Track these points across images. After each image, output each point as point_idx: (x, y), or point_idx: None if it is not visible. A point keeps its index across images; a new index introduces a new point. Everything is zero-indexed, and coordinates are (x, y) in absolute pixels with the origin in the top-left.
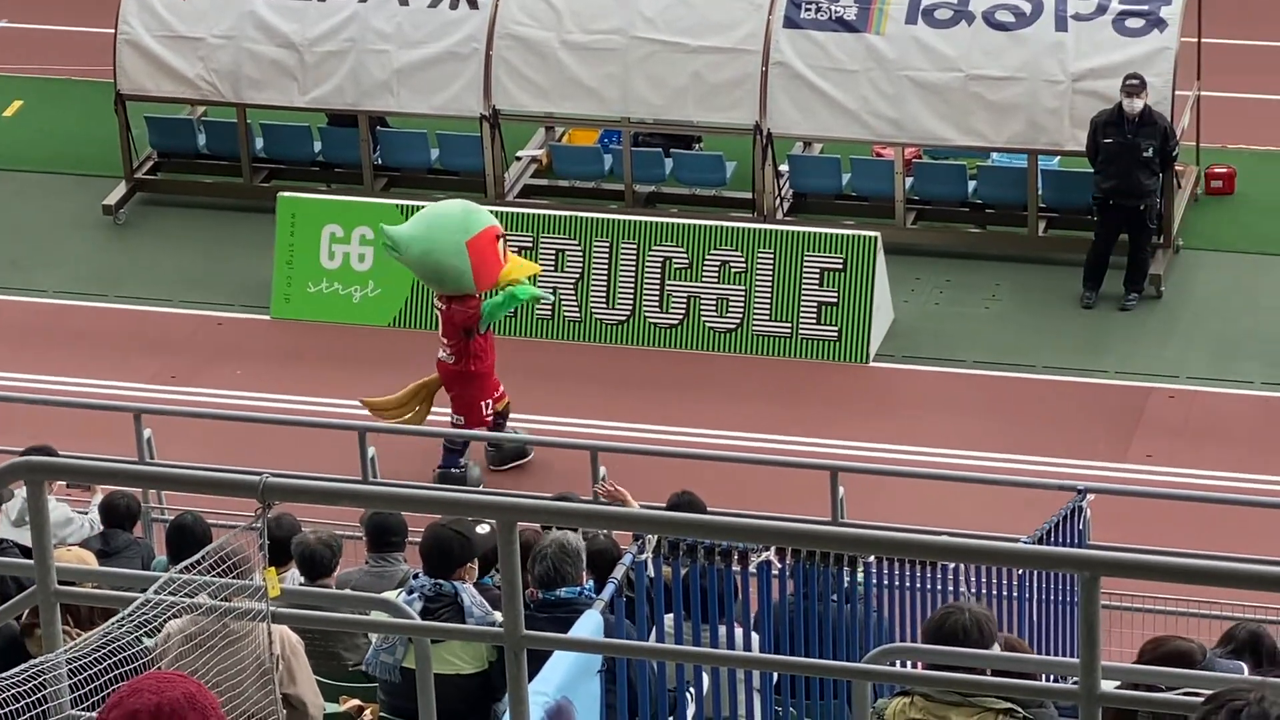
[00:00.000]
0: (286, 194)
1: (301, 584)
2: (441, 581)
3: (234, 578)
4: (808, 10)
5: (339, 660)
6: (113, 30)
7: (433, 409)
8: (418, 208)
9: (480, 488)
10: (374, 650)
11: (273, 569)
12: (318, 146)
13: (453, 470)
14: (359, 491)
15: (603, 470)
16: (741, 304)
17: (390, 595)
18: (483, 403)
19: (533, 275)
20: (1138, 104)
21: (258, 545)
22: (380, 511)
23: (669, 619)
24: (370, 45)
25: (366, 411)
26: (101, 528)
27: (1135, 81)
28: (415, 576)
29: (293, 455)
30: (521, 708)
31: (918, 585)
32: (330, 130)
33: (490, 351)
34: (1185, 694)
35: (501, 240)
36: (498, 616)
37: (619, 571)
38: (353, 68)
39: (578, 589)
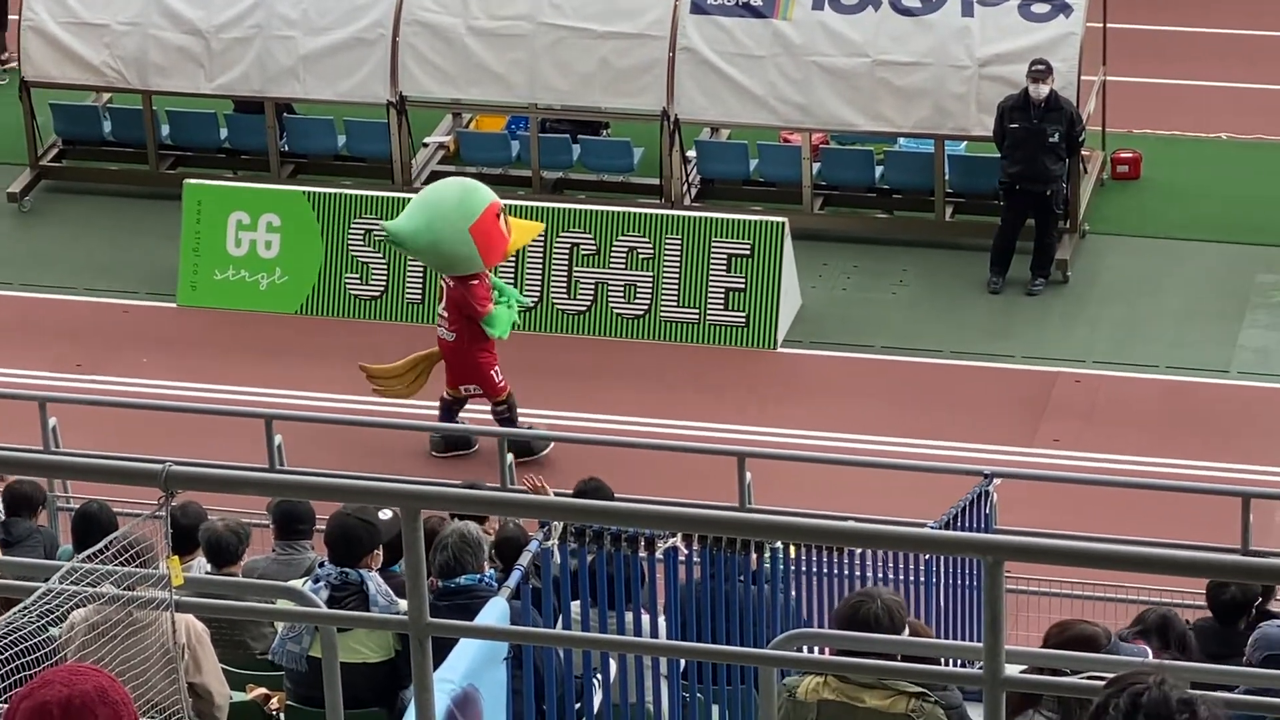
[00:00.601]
0: (193, 181)
1: (208, 572)
2: (347, 570)
3: (138, 566)
4: None
5: (245, 648)
6: (17, 17)
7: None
8: (323, 195)
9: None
10: (280, 639)
11: (176, 557)
12: (224, 133)
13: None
14: (262, 480)
15: (509, 457)
16: (649, 290)
17: (296, 584)
18: (493, 370)
19: (535, 236)
20: (1043, 89)
21: (162, 534)
22: (287, 499)
23: (575, 606)
24: (276, 31)
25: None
26: (2, 516)
27: (1041, 67)
28: (321, 565)
29: (200, 443)
30: (427, 696)
31: (826, 570)
32: (236, 117)
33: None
34: (1089, 678)
35: (502, 215)
36: (403, 605)
37: (525, 558)
38: (259, 54)
39: (478, 576)
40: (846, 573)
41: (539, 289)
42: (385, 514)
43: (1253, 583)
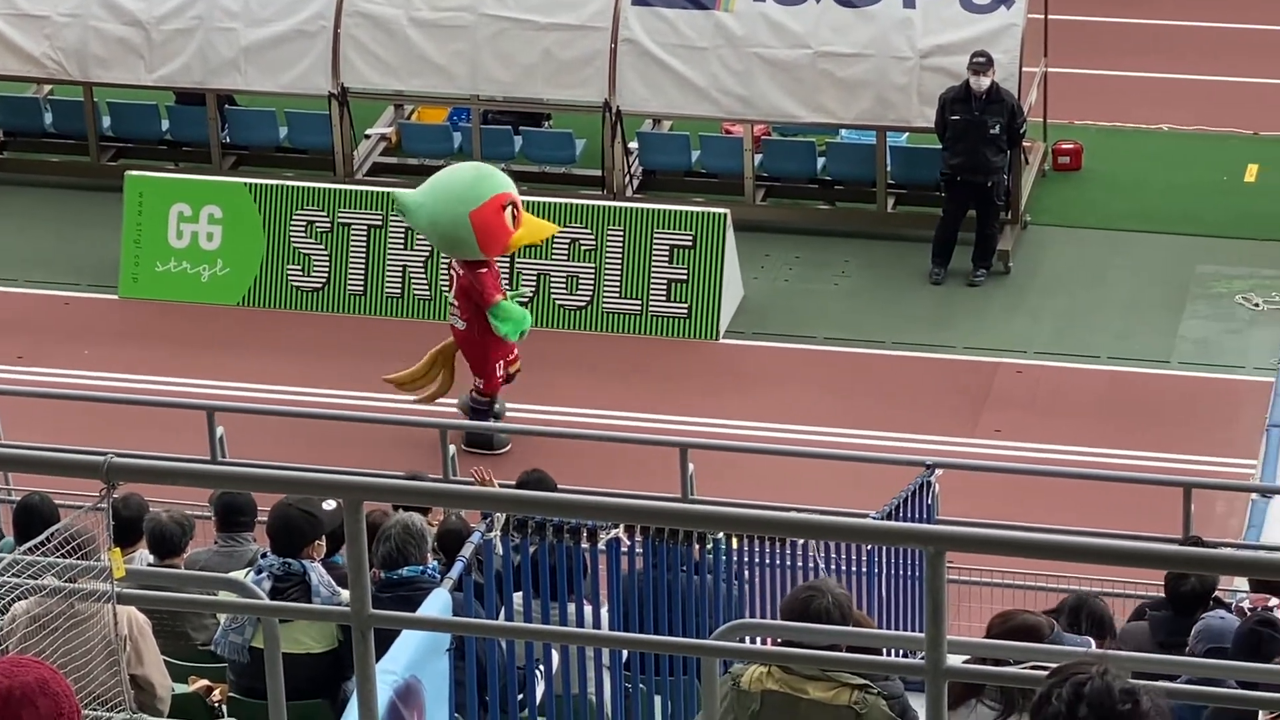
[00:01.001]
0: (134, 173)
1: (151, 563)
2: (290, 560)
3: (79, 559)
4: None
5: (188, 640)
6: None
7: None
8: (265, 187)
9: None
10: (222, 630)
11: (117, 549)
12: (165, 125)
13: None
14: (203, 471)
15: (451, 449)
16: (591, 281)
17: (238, 575)
18: (497, 364)
19: (547, 237)
20: (984, 81)
21: (103, 526)
22: (229, 491)
23: (518, 597)
24: (217, 23)
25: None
26: None
27: (981, 59)
28: (264, 556)
29: (141, 435)
30: (369, 687)
31: (769, 561)
32: (178, 109)
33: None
34: (1032, 668)
35: (510, 208)
36: (345, 595)
37: (467, 550)
38: (200, 46)
39: (420, 568)
40: (789, 563)
41: None
42: (328, 505)
43: (1208, 574)
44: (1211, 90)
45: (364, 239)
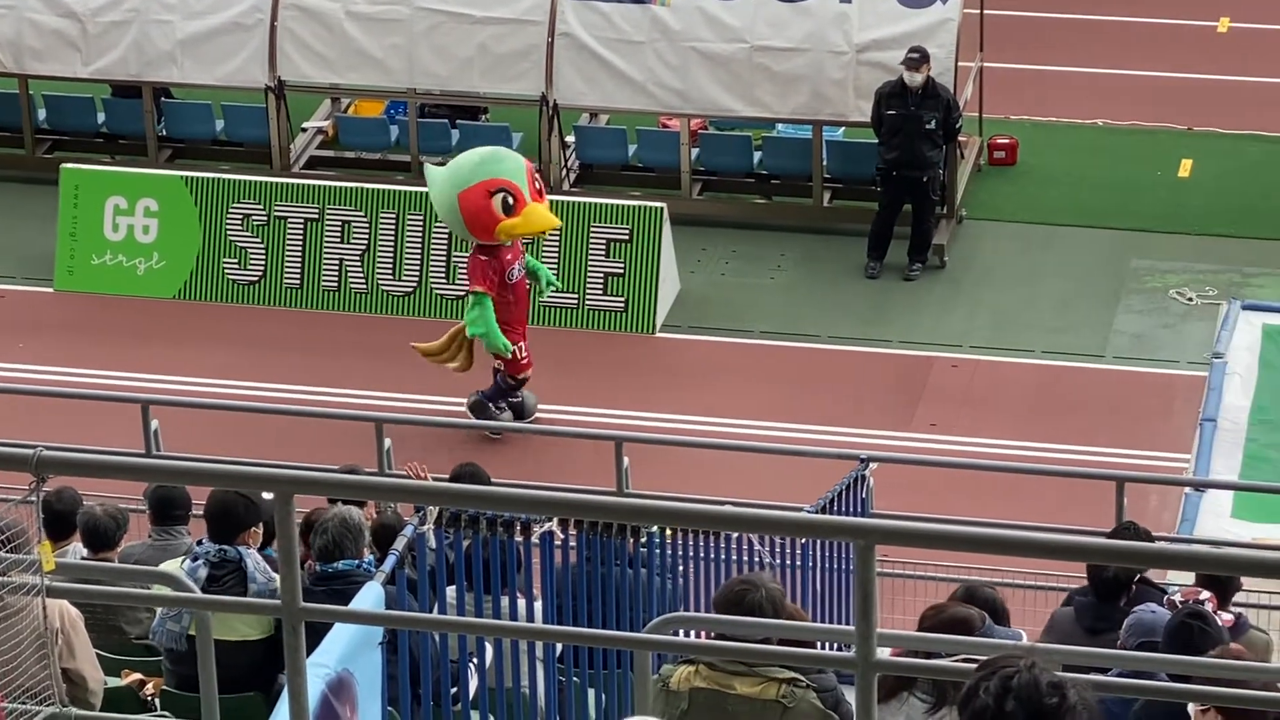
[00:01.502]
0: (70, 165)
1: (85, 557)
2: (226, 547)
3: (9, 552)
4: None
5: (120, 634)
6: None
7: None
8: (201, 180)
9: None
10: (159, 619)
11: (47, 543)
12: (101, 118)
13: (489, 407)
14: (135, 465)
15: (387, 442)
16: None
17: (174, 563)
18: (516, 346)
19: (542, 230)
20: (918, 77)
21: (34, 519)
22: (163, 485)
23: (451, 590)
24: (154, 15)
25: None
26: None
27: (916, 55)
28: (200, 543)
29: (76, 428)
30: (300, 680)
31: (704, 554)
32: (114, 101)
33: (517, 302)
34: (961, 661)
35: (501, 194)
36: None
37: (400, 543)
38: (136, 38)
39: (356, 562)
40: (724, 556)
41: (418, 274)
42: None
43: (1127, 565)
44: (1146, 85)
45: (300, 232)
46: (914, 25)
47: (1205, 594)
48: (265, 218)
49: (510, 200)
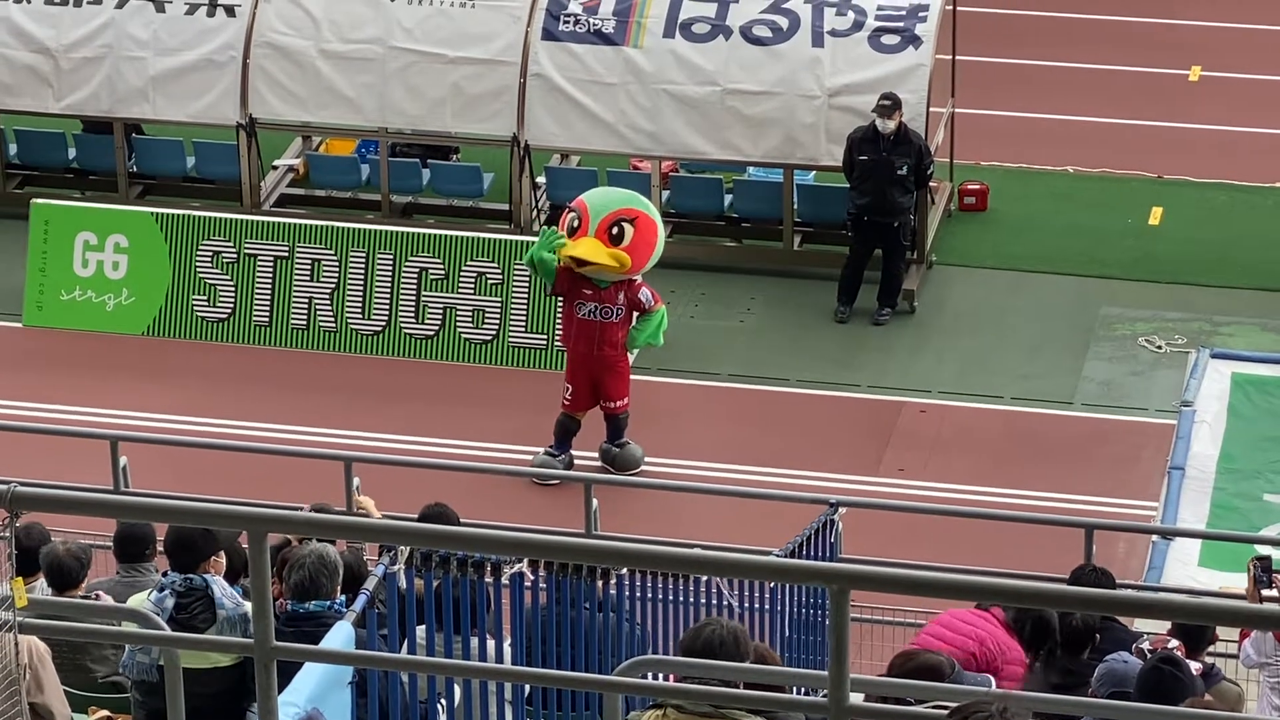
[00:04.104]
0: (40, 200)
1: (49, 595)
2: (191, 576)
3: None
4: (566, 23)
5: (87, 671)
6: None
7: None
8: (171, 216)
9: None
10: (129, 652)
11: (19, 579)
12: (72, 153)
13: (551, 455)
14: (107, 501)
15: (356, 480)
16: (498, 315)
17: (141, 596)
18: (565, 385)
19: (588, 261)
20: (890, 124)
21: (5, 554)
22: (129, 521)
23: (421, 630)
24: (126, 52)
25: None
26: None
27: (888, 102)
28: (165, 574)
29: (45, 464)
30: (271, 719)
31: (673, 598)
32: (85, 137)
33: (565, 330)
34: (933, 707)
35: (572, 214)
36: (249, 606)
37: (371, 583)
38: (108, 74)
39: (328, 603)
40: (693, 600)
41: (387, 313)
42: None
43: (1094, 613)
44: (1116, 133)
45: (270, 270)
46: (886, 70)
47: (1174, 642)
48: (235, 255)
49: (575, 223)
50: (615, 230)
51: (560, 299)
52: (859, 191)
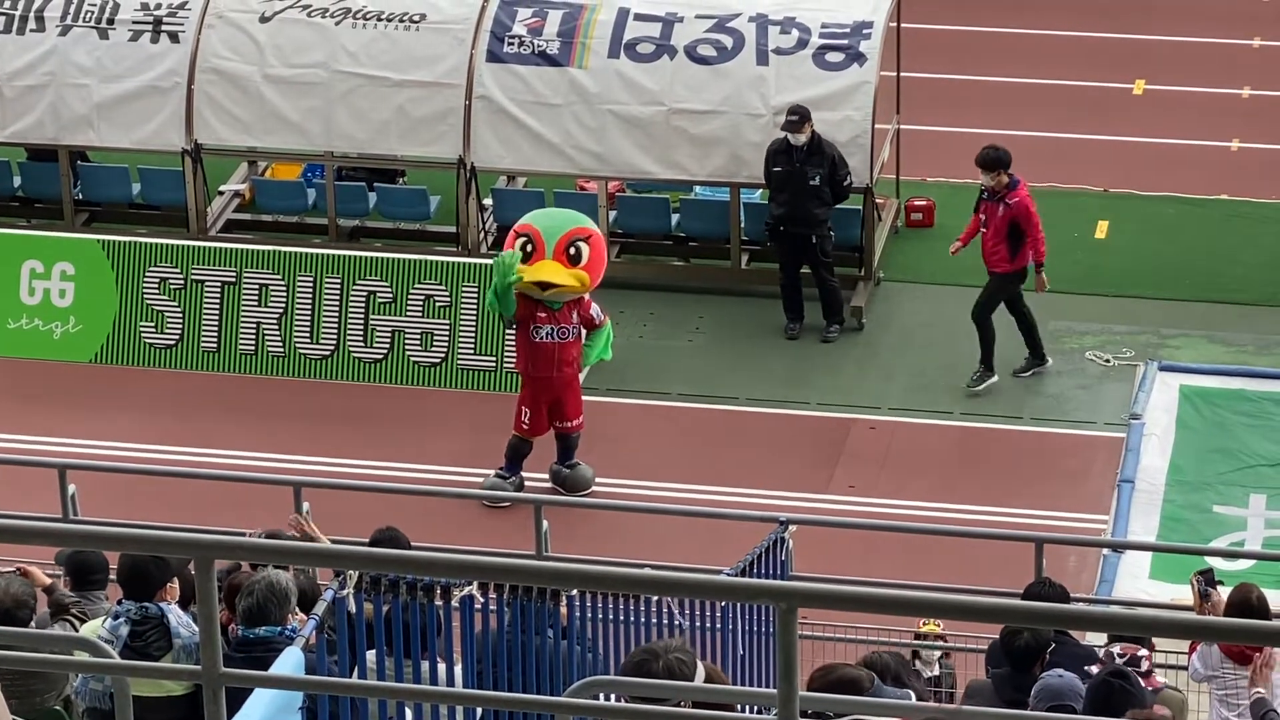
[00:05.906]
0: None
1: None
2: (146, 604)
3: None
4: (510, 44)
5: (36, 698)
6: None
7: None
8: (118, 244)
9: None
10: (83, 679)
11: None
12: (17, 181)
13: (501, 478)
14: (53, 530)
15: (306, 505)
16: (446, 338)
17: (95, 624)
18: (521, 409)
19: (548, 283)
20: (801, 137)
21: None
22: (80, 550)
23: (371, 655)
24: (70, 79)
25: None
26: None
27: (795, 117)
28: (120, 602)
29: None
30: None
31: (624, 618)
32: (30, 165)
33: (521, 356)
34: None
35: (523, 239)
36: None
37: (320, 608)
38: (52, 102)
39: (279, 629)
40: (644, 620)
41: (335, 337)
42: None
43: (1044, 628)
44: (1062, 147)
45: (218, 295)
46: (830, 88)
47: (1143, 651)
48: (182, 281)
49: (530, 247)
50: (573, 250)
51: (513, 326)
52: (776, 202)
